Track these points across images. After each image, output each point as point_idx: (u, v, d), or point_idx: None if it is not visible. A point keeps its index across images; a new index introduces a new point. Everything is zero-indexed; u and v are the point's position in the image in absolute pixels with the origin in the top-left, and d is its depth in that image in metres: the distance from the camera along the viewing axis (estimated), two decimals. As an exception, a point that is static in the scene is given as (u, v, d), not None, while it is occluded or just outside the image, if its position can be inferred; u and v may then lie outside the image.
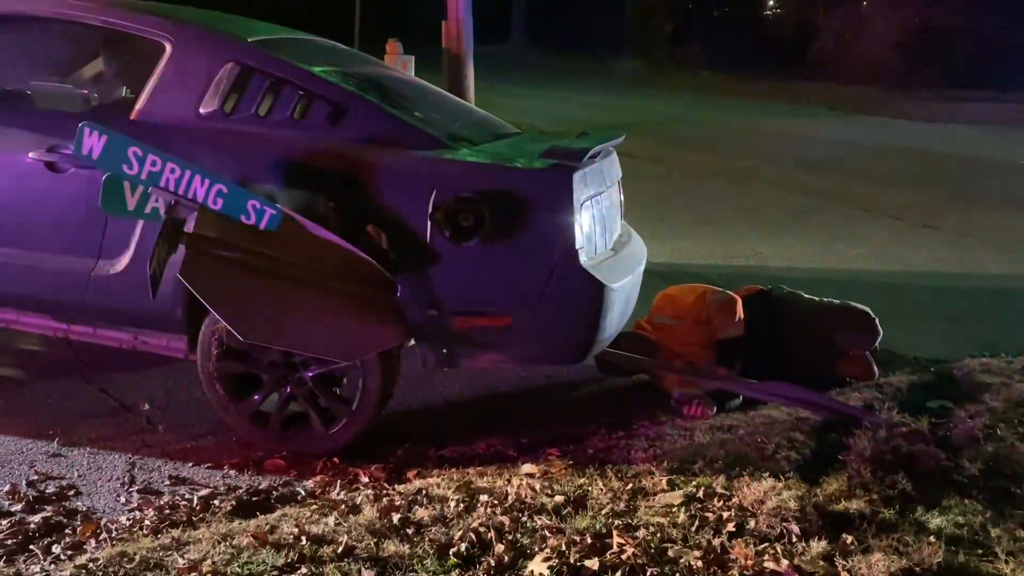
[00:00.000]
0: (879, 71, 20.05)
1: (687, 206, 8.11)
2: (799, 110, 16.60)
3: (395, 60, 10.82)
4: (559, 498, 2.82)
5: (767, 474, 2.96)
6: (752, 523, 2.65)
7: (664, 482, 2.93)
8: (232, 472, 3.18)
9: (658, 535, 2.58)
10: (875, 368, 4.11)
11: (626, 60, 23.55)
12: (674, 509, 2.75)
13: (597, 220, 3.30)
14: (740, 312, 3.99)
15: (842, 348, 4.09)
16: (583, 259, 3.13)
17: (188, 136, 3.20)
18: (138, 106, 3.31)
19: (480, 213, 3.04)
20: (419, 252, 3.11)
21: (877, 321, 4.15)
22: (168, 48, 3.33)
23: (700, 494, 2.84)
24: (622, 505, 2.79)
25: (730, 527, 2.62)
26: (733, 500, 2.80)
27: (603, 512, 2.74)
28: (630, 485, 2.93)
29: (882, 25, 20.91)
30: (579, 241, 3.11)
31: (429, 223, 3.08)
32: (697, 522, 2.65)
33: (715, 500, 2.81)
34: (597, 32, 26.09)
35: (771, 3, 27.89)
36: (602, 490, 2.90)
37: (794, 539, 2.57)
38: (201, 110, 3.26)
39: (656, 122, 13.84)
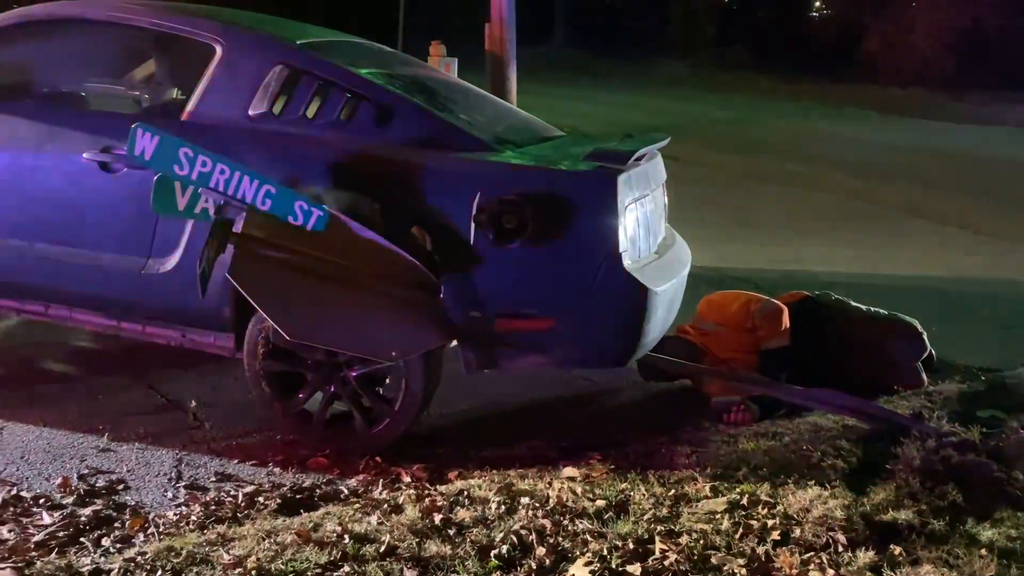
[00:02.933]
0: (928, 73, 19.66)
1: (731, 209, 8.03)
2: (846, 113, 16.36)
3: (438, 62, 10.86)
4: (600, 502, 2.81)
5: (813, 482, 2.92)
6: (797, 532, 2.61)
7: (707, 488, 2.90)
8: (276, 469, 3.21)
9: (701, 542, 2.56)
10: (924, 377, 4.03)
11: (669, 62, 23.38)
12: (717, 516, 2.72)
13: (641, 223, 3.28)
14: (786, 322, 3.93)
15: (889, 358, 4.02)
16: (627, 262, 3.11)
17: (237, 137, 3.25)
18: (189, 107, 3.36)
19: (524, 215, 3.04)
20: (462, 254, 3.12)
21: (925, 335, 4.08)
22: (218, 50, 3.38)
23: (744, 501, 2.80)
24: (664, 511, 2.76)
25: (775, 535, 2.59)
26: (778, 508, 2.76)
27: (645, 517, 2.72)
28: (672, 491, 2.90)
29: (932, 26, 20.50)
30: (623, 244, 3.09)
31: (473, 225, 3.08)
32: (741, 529, 2.62)
33: (759, 508, 2.77)
34: (639, 34, 25.97)
35: (817, 4, 27.52)
36: (644, 495, 2.88)
37: (840, 549, 2.53)
38: (250, 112, 3.31)
39: (699, 124, 13.72)
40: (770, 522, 2.67)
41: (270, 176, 2.98)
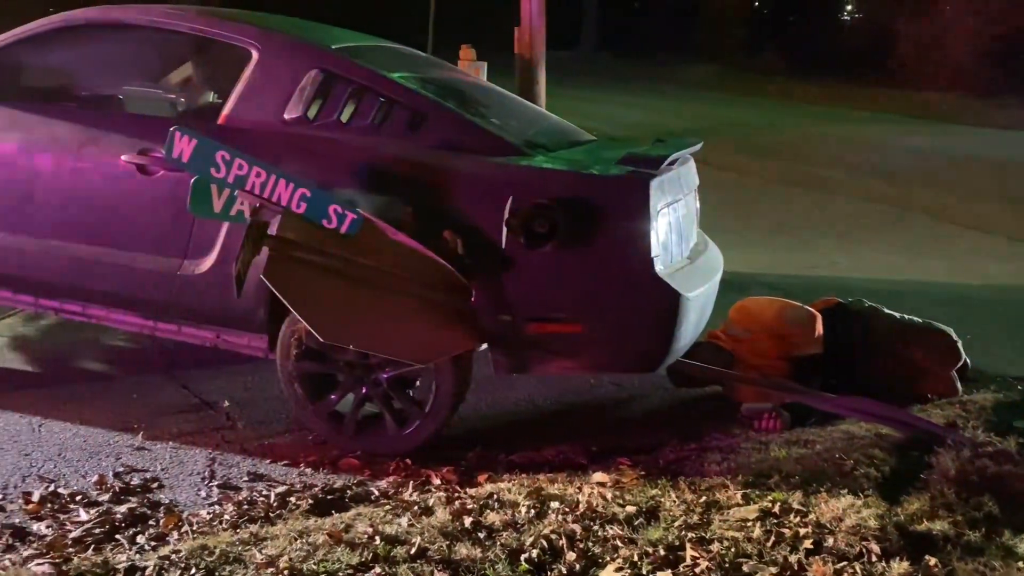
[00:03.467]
0: (963, 78, 19.38)
1: (762, 215, 7.98)
2: (879, 117, 16.17)
3: (468, 66, 10.90)
4: (631, 508, 2.80)
5: (846, 491, 2.89)
6: (830, 541, 2.59)
7: (739, 496, 2.89)
8: (308, 470, 3.24)
9: (732, 550, 2.54)
10: (959, 386, 3.98)
11: (699, 66, 23.27)
12: (749, 524, 2.70)
13: (673, 228, 3.27)
14: (819, 329, 3.90)
15: (922, 366, 3.97)
16: (659, 267, 3.11)
17: (273, 141, 3.28)
18: (225, 111, 3.40)
19: (555, 220, 3.04)
20: (494, 258, 3.13)
21: (960, 344, 4.02)
22: (255, 55, 3.42)
23: (776, 509, 2.78)
24: (695, 518, 2.75)
25: (807, 544, 2.57)
26: (810, 517, 2.74)
27: (676, 524, 2.71)
28: (703, 498, 2.89)
29: (967, 31, 20.21)
30: (655, 249, 3.09)
31: (504, 229, 3.09)
32: (773, 538, 2.60)
33: (791, 516, 2.75)
34: (669, 38, 25.87)
35: (849, 8, 27.27)
36: (675, 502, 2.87)
37: (874, 559, 2.50)
38: (285, 116, 3.34)
39: (729, 129, 13.63)
40: (802, 531, 2.65)
41: (305, 179, 3.01)
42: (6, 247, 3.53)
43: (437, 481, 3.12)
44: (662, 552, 2.52)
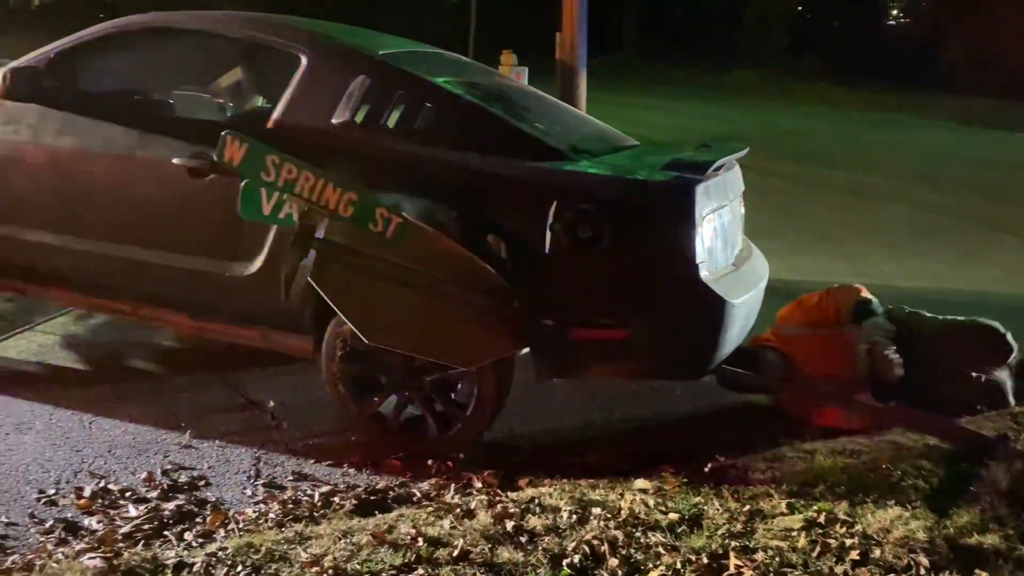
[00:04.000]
0: (1015, 83, 18.97)
1: (805, 221, 7.89)
2: (927, 124, 15.90)
3: (509, 71, 10.95)
4: (673, 515, 2.79)
5: (893, 502, 2.85)
6: (877, 552, 2.56)
7: (783, 505, 2.86)
8: (351, 470, 3.27)
9: (777, 559, 2.52)
10: (1011, 397, 3.89)
11: (741, 71, 23.05)
12: (794, 533, 2.67)
13: (719, 234, 3.25)
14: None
15: (972, 368, 3.88)
16: (704, 273, 3.09)
17: (320, 145, 3.32)
18: (275, 115, 3.45)
19: (599, 225, 3.04)
20: (538, 262, 3.13)
21: (1009, 335, 3.92)
22: (304, 61, 3.47)
23: (821, 519, 2.75)
24: (739, 526, 2.73)
25: (854, 555, 2.54)
26: (857, 527, 2.70)
27: (719, 532, 2.69)
28: (747, 506, 2.86)
29: (1019, 34, 19.78)
30: (700, 255, 3.07)
31: (548, 234, 3.10)
32: (819, 548, 2.58)
33: (837, 526, 2.72)
34: (710, 43, 25.69)
35: (895, 12, 26.87)
36: (718, 510, 2.84)
37: (923, 572, 2.47)
38: (333, 120, 3.38)
39: (772, 134, 13.50)
40: (848, 541, 2.62)
41: (352, 184, 3.04)
42: (61, 247, 3.62)
43: (478, 484, 3.13)
44: (705, 560, 2.51)
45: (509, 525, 2.72)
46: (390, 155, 3.30)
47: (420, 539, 2.63)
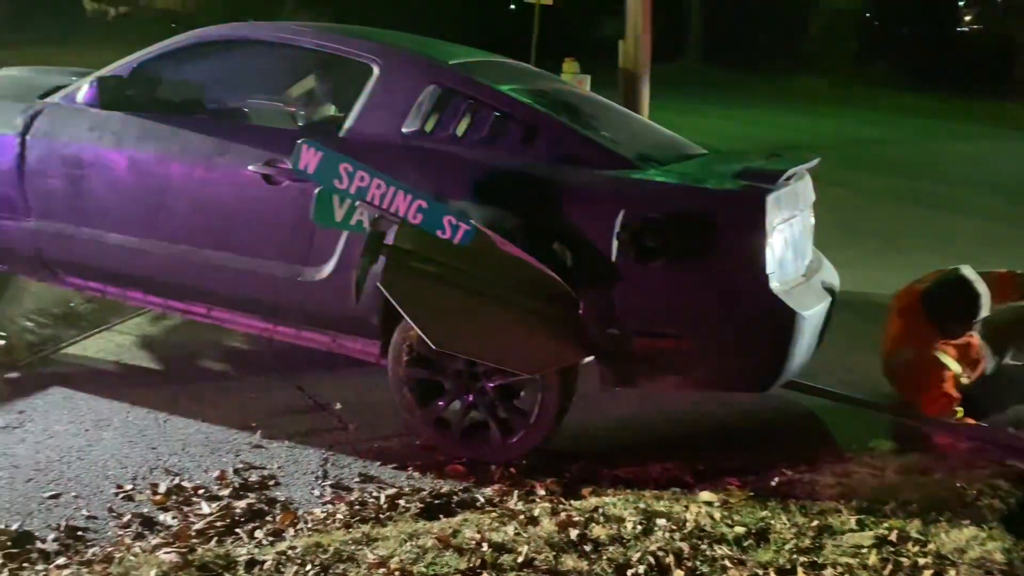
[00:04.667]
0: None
1: (874, 232, 7.72)
2: (1001, 133, 15.43)
3: (572, 79, 10.98)
4: (740, 529, 2.76)
5: (968, 522, 2.79)
6: (952, 573, 2.51)
7: (853, 521, 2.81)
8: (416, 474, 3.31)
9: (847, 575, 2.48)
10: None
11: (807, 78, 22.70)
12: (864, 550, 2.63)
13: (789, 244, 3.21)
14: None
15: None
16: (774, 284, 3.05)
17: (391, 153, 3.38)
18: (347, 124, 3.52)
19: (667, 234, 3.03)
20: (603, 271, 3.13)
21: None
22: (376, 70, 3.53)
23: (893, 537, 2.70)
24: (807, 542, 2.69)
25: (927, 574, 2.48)
26: (930, 547, 2.64)
27: (787, 547, 2.66)
28: (815, 521, 2.82)
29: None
30: (770, 266, 3.04)
31: (615, 242, 3.09)
32: (890, 567, 2.53)
33: (910, 545, 2.66)
34: (775, 50, 25.35)
35: (967, 19, 26.16)
36: (785, 524, 2.81)
37: (1000, 594, 2.40)
38: (403, 129, 3.43)
39: (839, 143, 13.25)
40: (921, 560, 2.57)
41: (422, 191, 3.08)
42: (140, 250, 3.73)
43: (542, 492, 3.13)
44: (772, 574, 2.48)
45: (573, 533, 2.72)
46: (459, 163, 3.34)
47: (485, 544, 2.65)
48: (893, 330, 3.89)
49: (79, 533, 2.84)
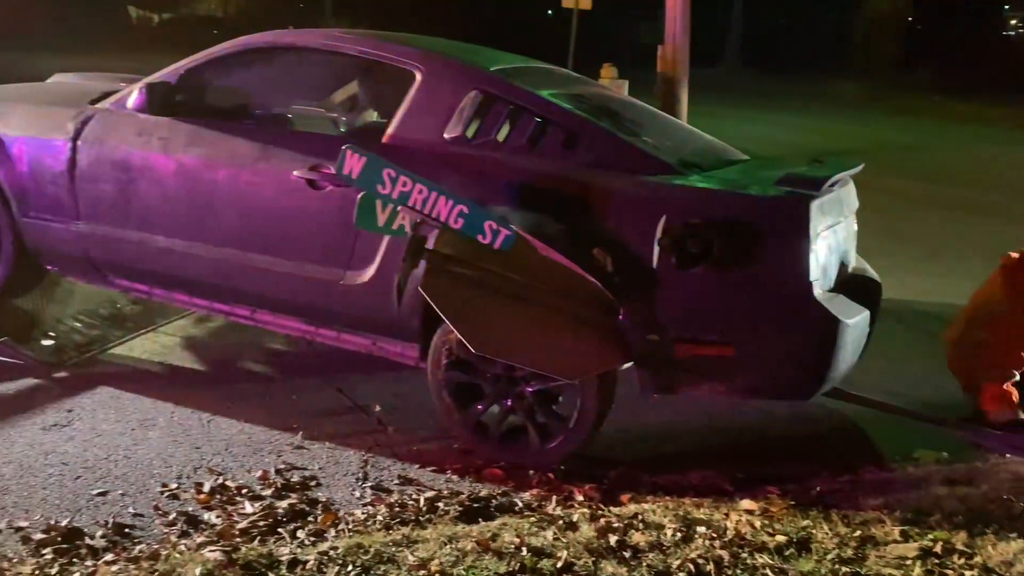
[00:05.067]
0: None
1: (916, 239, 7.62)
2: (1047, 139, 15.14)
3: (609, 84, 10.98)
4: (781, 538, 2.74)
5: (1015, 535, 2.73)
6: (999, 587, 2.45)
7: (896, 532, 2.77)
8: (454, 477, 3.33)
9: (891, 588, 2.45)
10: None
11: (848, 83, 22.45)
12: (908, 562, 2.59)
13: (833, 251, 3.18)
14: None
15: None
16: (817, 292, 3.03)
17: (433, 159, 3.41)
18: (390, 130, 3.56)
19: (709, 240, 3.01)
20: (644, 277, 3.13)
21: None
22: (418, 77, 3.56)
23: (938, 549, 2.66)
24: (849, 552, 2.66)
25: (973, 588, 2.44)
26: (976, 559, 2.60)
27: (828, 557, 2.63)
28: (858, 532, 2.79)
29: None
30: (814, 273, 3.01)
31: (656, 248, 3.09)
32: (935, 579, 2.49)
33: (955, 557, 2.62)
34: (816, 55, 25.12)
35: (1013, 22, 25.67)
36: (827, 534, 2.78)
37: (1049, 610, 2.36)
38: (445, 135, 3.46)
39: (881, 149, 13.08)
40: (967, 573, 2.54)
41: (463, 196, 3.11)
42: (186, 253, 3.80)
43: (580, 497, 3.13)
44: (815, 585, 2.45)
45: (612, 540, 2.72)
46: (500, 168, 3.36)
47: (524, 548, 2.66)
48: (988, 289, 3.81)
49: (126, 530, 2.89)
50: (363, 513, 3.02)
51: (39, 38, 21.83)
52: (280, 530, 2.89)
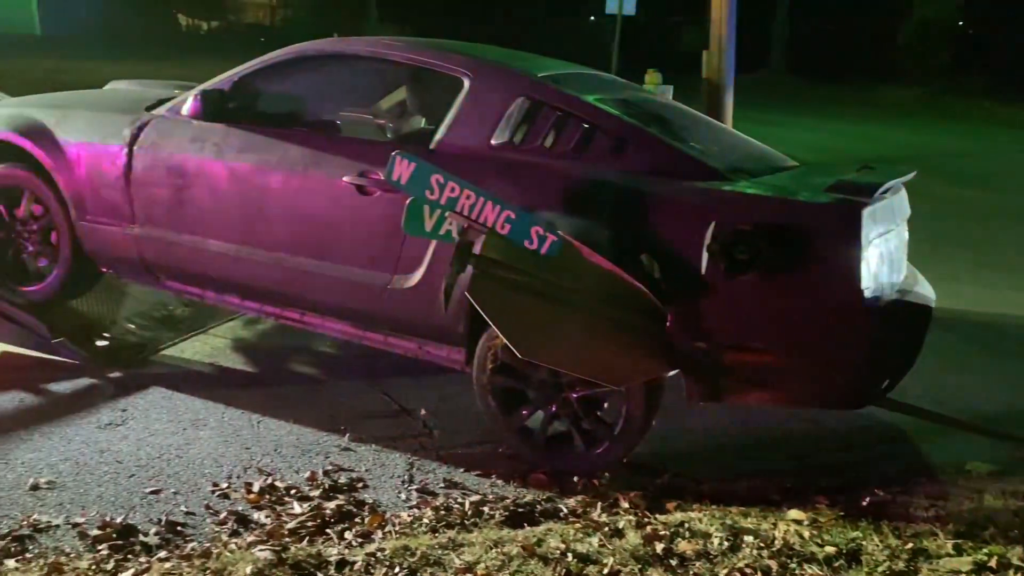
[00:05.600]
0: None
1: (968, 247, 7.47)
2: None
3: (653, 90, 10.92)
4: (830, 548, 2.71)
5: (1074, 551, 2.66)
6: (1057, 604, 2.40)
7: (950, 545, 2.72)
8: (499, 481, 3.34)
9: (944, 602, 2.40)
10: None
11: (897, 89, 22.09)
12: (962, 576, 2.54)
13: (885, 259, 3.14)
14: None
15: None
16: (868, 300, 2.98)
17: (480, 165, 3.43)
18: (438, 136, 3.59)
19: (759, 246, 2.99)
20: (692, 283, 3.11)
21: None
22: (467, 83, 3.59)
23: (993, 564, 2.60)
24: (901, 565, 2.62)
25: (1031, 605, 2.39)
26: (1033, 575, 2.54)
27: (879, 569, 2.59)
28: (910, 544, 2.74)
29: None
30: (865, 281, 2.97)
31: (705, 254, 3.07)
32: (991, 594, 2.44)
33: (1011, 572, 2.57)
34: (863, 60, 24.73)
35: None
36: (877, 546, 2.74)
37: (1111, 629, 2.29)
38: (493, 141, 3.48)
39: (932, 156, 12.84)
40: (1024, 589, 2.47)
41: (509, 202, 3.12)
42: (238, 257, 3.87)
43: (625, 504, 3.12)
44: (866, 597, 2.42)
45: (659, 547, 2.71)
46: (547, 174, 3.37)
47: (569, 555, 2.66)
48: None
49: (178, 528, 2.95)
50: (409, 515, 3.05)
51: (95, 46, 22.38)
52: (328, 531, 2.93)
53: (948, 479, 3.37)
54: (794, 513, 2.98)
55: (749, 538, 2.77)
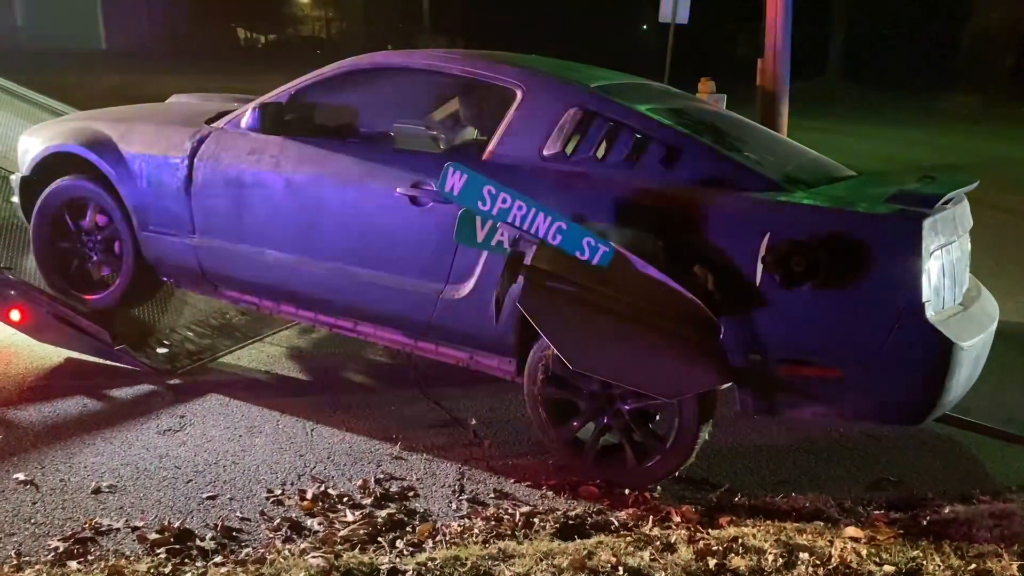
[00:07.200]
0: None
1: (1034, 259, 7.24)
2: None
3: (707, 99, 10.83)
4: (889, 568, 2.65)
5: None
6: None
7: (1015, 567, 2.64)
8: (549, 493, 3.33)
9: (1010, 626, 2.33)
10: None
11: (957, 95, 21.57)
12: (1028, 600, 2.46)
13: (946, 271, 3.06)
14: None
15: None
16: (929, 313, 2.91)
17: (532, 176, 3.43)
18: (490, 147, 3.61)
19: (815, 258, 2.94)
20: (746, 295, 3.07)
21: None
22: (519, 95, 3.60)
23: (1061, 587, 2.51)
24: (963, 586, 2.55)
25: (1103, 631, 2.30)
26: (1104, 600, 2.45)
27: (941, 590, 2.52)
28: (973, 565, 2.67)
29: None
30: (926, 294, 2.90)
31: (760, 266, 3.03)
32: (1060, 619, 2.35)
33: (1080, 597, 2.47)
34: (922, 66, 24.21)
35: None
36: (939, 566, 2.67)
37: None
38: (544, 152, 3.49)
39: (994, 163, 12.50)
40: (1095, 615, 2.38)
41: (561, 213, 3.12)
42: (294, 267, 3.93)
43: (677, 518, 3.09)
44: (926, 619, 2.35)
45: (711, 563, 2.68)
46: (599, 185, 3.36)
47: (621, 568, 2.64)
48: None
49: (234, 533, 3.00)
50: (459, 525, 3.05)
51: (157, 60, 23.00)
52: (379, 539, 2.95)
53: (1012, 498, 3.26)
54: (851, 530, 2.92)
55: (804, 555, 2.72)
